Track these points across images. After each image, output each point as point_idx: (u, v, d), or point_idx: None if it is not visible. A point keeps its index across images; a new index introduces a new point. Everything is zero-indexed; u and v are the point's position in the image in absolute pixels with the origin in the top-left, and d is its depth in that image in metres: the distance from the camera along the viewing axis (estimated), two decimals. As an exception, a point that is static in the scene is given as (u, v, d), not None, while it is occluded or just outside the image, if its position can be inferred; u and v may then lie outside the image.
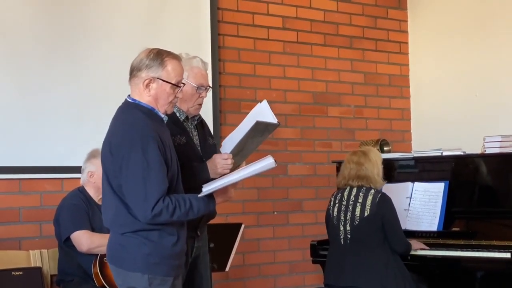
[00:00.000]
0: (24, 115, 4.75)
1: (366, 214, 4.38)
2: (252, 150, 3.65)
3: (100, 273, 4.16)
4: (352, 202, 4.44)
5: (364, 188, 4.45)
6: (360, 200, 4.42)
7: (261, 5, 5.86)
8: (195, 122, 3.67)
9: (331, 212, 4.55)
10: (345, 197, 4.49)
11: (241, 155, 3.57)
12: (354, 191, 4.47)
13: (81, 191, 4.44)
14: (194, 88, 3.57)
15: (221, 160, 3.46)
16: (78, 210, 4.31)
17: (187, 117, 3.61)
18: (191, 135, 3.61)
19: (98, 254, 4.21)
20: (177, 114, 3.58)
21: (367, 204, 4.39)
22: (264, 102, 3.52)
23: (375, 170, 4.49)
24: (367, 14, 6.44)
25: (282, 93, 5.94)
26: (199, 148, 3.63)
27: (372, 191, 4.43)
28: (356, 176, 4.49)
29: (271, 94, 5.84)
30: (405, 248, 4.50)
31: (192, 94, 3.57)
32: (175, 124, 3.53)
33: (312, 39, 6.12)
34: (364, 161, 4.49)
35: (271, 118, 3.45)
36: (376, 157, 4.55)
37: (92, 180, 4.41)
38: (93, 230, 4.30)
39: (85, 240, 4.22)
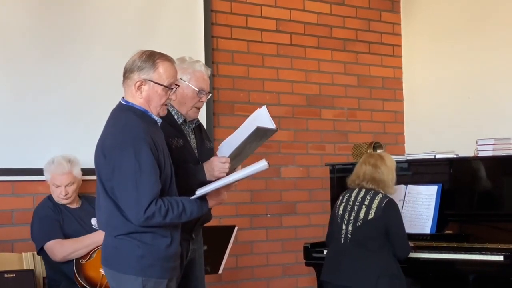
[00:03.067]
0: (17, 117, 4.74)
1: (370, 216, 4.37)
2: (248, 155, 3.66)
3: (78, 276, 4.16)
4: (358, 203, 4.44)
5: (372, 192, 4.45)
6: (366, 202, 4.41)
7: (255, 8, 5.86)
8: (193, 126, 3.67)
9: (337, 210, 4.54)
10: (353, 197, 4.49)
11: (238, 159, 3.57)
12: (363, 192, 4.47)
13: (50, 199, 4.47)
14: (195, 91, 3.57)
15: (219, 163, 3.45)
16: (47, 220, 4.33)
17: (185, 120, 3.61)
18: (188, 138, 3.61)
19: (74, 259, 4.22)
20: (175, 116, 3.58)
21: (372, 207, 4.38)
22: (264, 107, 3.51)
23: (390, 175, 4.49)
24: (360, 17, 6.45)
25: (275, 95, 5.94)
26: (196, 151, 3.62)
27: (380, 195, 4.42)
28: (371, 178, 4.47)
29: (264, 97, 5.84)
30: (407, 254, 4.49)
31: (192, 97, 3.57)
32: (173, 126, 3.53)
33: (305, 41, 6.12)
34: (381, 164, 4.49)
35: (270, 124, 3.45)
36: (392, 164, 4.55)
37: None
38: (67, 235, 4.29)
39: (57, 249, 4.23)
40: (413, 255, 4.66)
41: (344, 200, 4.53)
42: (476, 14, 6.14)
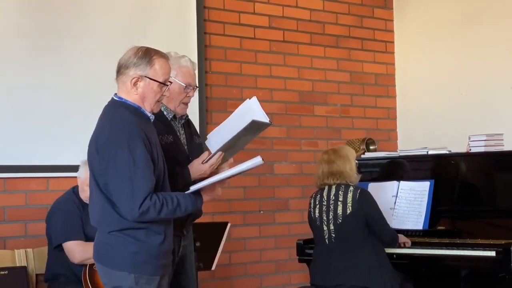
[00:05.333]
0: (10, 113, 4.73)
1: (348, 211, 4.41)
2: (241, 148, 3.65)
3: (90, 282, 4.13)
4: (333, 202, 4.46)
5: (343, 186, 4.48)
6: (340, 199, 4.44)
7: (248, 4, 5.86)
8: (182, 121, 3.67)
9: (312, 213, 4.57)
10: (325, 197, 4.51)
11: (230, 151, 3.56)
12: (333, 190, 4.50)
13: (76, 192, 4.37)
14: (182, 87, 3.57)
15: (202, 166, 3.44)
16: (71, 216, 4.25)
17: (174, 116, 3.61)
18: (178, 134, 3.62)
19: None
20: (165, 113, 3.58)
21: (348, 201, 4.42)
22: (254, 98, 3.51)
23: (347, 165, 4.51)
24: (353, 13, 6.45)
25: (268, 92, 5.94)
26: (185, 147, 3.62)
27: (351, 188, 4.46)
28: (329, 174, 4.52)
29: (257, 93, 5.80)
30: (392, 237, 4.54)
31: (179, 93, 3.57)
32: (163, 123, 3.53)
33: (298, 38, 6.12)
34: (335, 158, 4.53)
35: (262, 116, 3.45)
36: (348, 152, 4.58)
37: (78, 183, 4.37)
38: (86, 236, 4.23)
39: (78, 252, 4.18)
40: (406, 251, 4.69)
41: (317, 202, 4.55)
42: (469, 10, 6.15)
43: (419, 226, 4.89)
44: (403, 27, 6.63)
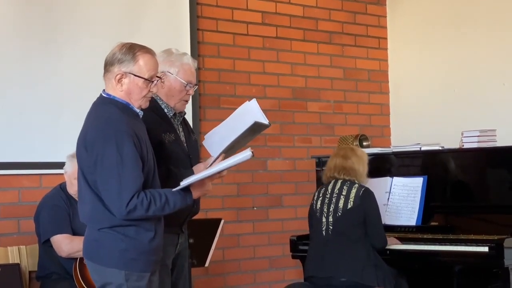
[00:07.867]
0: (2, 110, 4.71)
1: (349, 206, 4.42)
2: (239, 148, 3.65)
3: (81, 277, 4.13)
4: (336, 195, 4.48)
5: (349, 182, 4.50)
6: (344, 193, 4.46)
7: (241, 0, 5.85)
8: (181, 119, 3.67)
9: (314, 205, 4.58)
10: (329, 190, 4.54)
11: (229, 153, 3.57)
12: (339, 184, 4.52)
13: (63, 188, 4.38)
14: (183, 84, 3.57)
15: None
16: (58, 211, 4.26)
17: (174, 114, 3.61)
18: (178, 132, 3.62)
19: (78, 257, 4.18)
20: (165, 110, 3.57)
21: (350, 196, 4.44)
22: (254, 100, 3.51)
23: (361, 165, 4.56)
24: (346, 9, 6.45)
25: (261, 88, 5.94)
26: (185, 144, 3.62)
27: (356, 185, 4.49)
28: (342, 168, 4.54)
29: (250, 90, 5.83)
30: (383, 244, 4.55)
31: (180, 90, 3.57)
32: (164, 121, 3.53)
33: (291, 34, 6.12)
34: (352, 155, 4.57)
35: (262, 117, 3.45)
36: (362, 154, 4.64)
37: (65, 178, 4.37)
38: (74, 231, 4.25)
39: (65, 245, 4.19)
40: (399, 247, 4.70)
41: (320, 195, 4.57)
42: (461, 6, 6.16)
43: (412, 222, 4.89)
44: (396, 23, 6.63)
